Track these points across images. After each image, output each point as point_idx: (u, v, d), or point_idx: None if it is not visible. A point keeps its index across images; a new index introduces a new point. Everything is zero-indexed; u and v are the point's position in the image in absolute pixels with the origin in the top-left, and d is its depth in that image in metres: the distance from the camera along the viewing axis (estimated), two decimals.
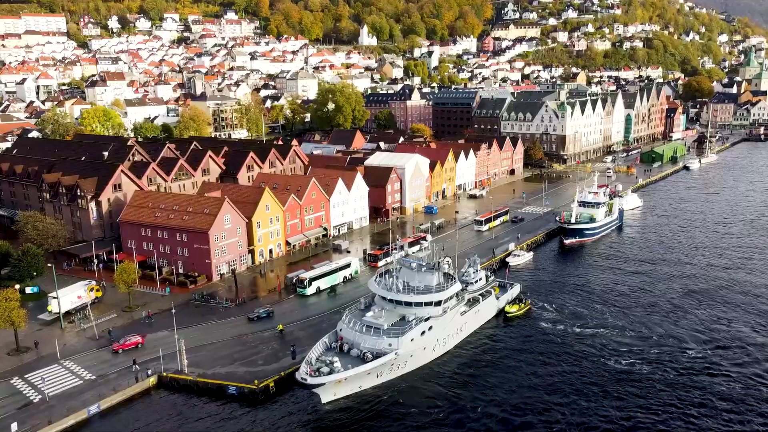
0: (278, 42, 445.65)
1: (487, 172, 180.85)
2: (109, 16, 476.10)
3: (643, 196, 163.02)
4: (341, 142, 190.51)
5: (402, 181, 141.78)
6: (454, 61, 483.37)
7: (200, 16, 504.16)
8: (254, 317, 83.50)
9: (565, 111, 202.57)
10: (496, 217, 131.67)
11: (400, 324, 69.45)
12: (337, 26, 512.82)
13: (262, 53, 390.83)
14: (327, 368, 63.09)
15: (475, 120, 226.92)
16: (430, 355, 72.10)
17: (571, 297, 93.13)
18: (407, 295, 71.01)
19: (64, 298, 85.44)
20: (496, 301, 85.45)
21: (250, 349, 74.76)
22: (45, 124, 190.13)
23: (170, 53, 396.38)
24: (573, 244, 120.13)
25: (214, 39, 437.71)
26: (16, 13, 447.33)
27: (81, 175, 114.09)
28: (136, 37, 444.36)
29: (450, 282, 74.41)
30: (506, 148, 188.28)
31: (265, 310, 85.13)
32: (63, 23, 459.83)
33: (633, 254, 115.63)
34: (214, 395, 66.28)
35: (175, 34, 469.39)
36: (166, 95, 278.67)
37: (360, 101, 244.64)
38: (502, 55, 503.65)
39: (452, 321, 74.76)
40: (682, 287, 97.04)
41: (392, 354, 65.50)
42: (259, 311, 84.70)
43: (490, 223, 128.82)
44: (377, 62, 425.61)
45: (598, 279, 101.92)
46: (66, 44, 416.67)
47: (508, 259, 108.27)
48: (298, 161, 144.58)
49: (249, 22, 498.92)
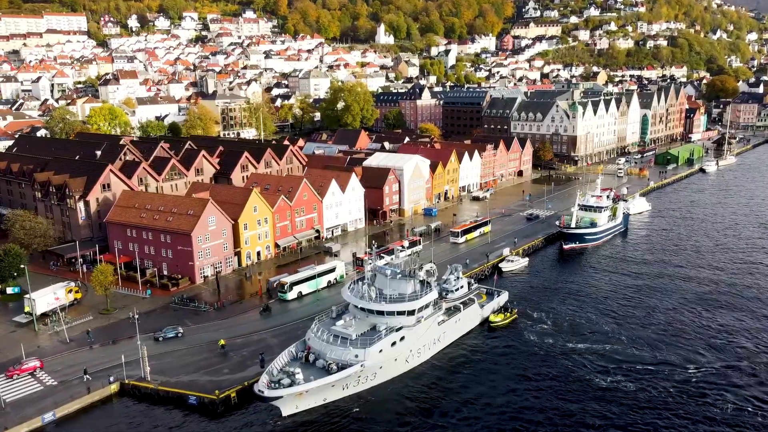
0: (294, 41, 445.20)
1: (493, 174, 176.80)
2: (129, 15, 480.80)
3: (652, 200, 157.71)
4: (345, 142, 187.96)
5: (401, 183, 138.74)
6: (471, 59, 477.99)
7: (219, 15, 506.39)
8: (160, 338, 76.48)
9: (576, 111, 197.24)
10: (476, 227, 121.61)
11: (370, 334, 66.58)
12: (355, 25, 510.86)
13: (276, 52, 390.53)
14: (288, 380, 60.49)
15: (485, 120, 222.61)
16: (403, 366, 69.06)
17: (564, 306, 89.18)
18: (379, 304, 68.07)
19: (40, 300, 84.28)
20: (480, 310, 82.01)
21: (219, 356, 72.55)
22: (52, 123, 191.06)
23: (186, 52, 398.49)
24: (573, 249, 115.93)
25: (230, 38, 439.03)
26: (38, 13, 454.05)
27: (72, 174, 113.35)
28: (155, 35, 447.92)
29: (426, 290, 71.26)
30: (514, 149, 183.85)
31: (174, 330, 77.93)
32: (84, 22, 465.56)
33: (635, 261, 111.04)
34: (174, 405, 64.17)
35: (193, 33, 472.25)
36: (178, 94, 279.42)
37: (369, 100, 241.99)
38: (521, 54, 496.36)
39: (428, 331, 71.64)
40: (682, 297, 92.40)
41: (358, 366, 62.65)
42: (166, 331, 77.50)
43: (468, 235, 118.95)
44: (393, 61, 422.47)
45: (594, 287, 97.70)
46: (85, 43, 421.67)
47: (501, 264, 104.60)
48: (296, 161, 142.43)
49: (266, 21, 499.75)
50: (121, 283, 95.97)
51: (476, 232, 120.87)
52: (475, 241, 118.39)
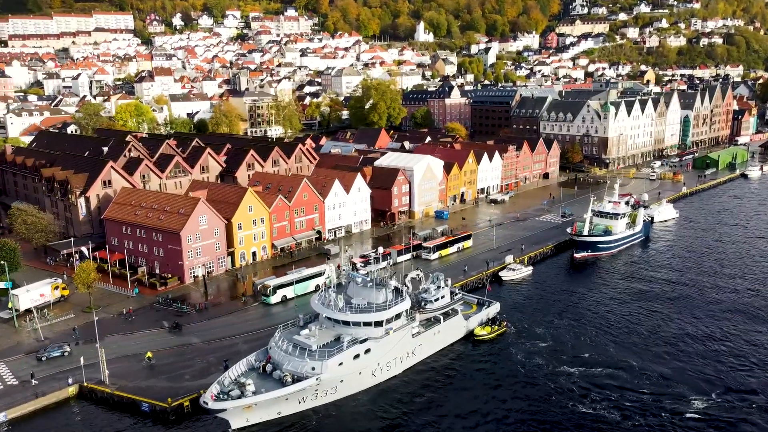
0: (332, 39, 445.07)
1: (516, 176, 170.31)
2: (174, 13, 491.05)
3: (683, 207, 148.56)
4: (365, 141, 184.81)
5: (411, 184, 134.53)
6: (513, 58, 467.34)
7: (261, 13, 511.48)
8: (42, 357, 70.50)
9: (608, 111, 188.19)
10: (453, 242, 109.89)
11: (332, 345, 63.12)
12: (396, 22, 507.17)
13: (313, 50, 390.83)
14: (238, 391, 57.71)
15: (514, 120, 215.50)
16: (369, 380, 65.29)
17: (562, 321, 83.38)
18: (344, 314, 64.56)
19: (23, 296, 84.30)
20: (465, 322, 77.32)
21: (185, 361, 70.47)
22: (80, 119, 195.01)
23: (225, 50, 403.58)
24: (584, 258, 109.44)
25: (268, 36, 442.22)
26: (88, 12, 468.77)
27: (76, 170, 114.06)
28: (197, 33, 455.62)
29: (398, 300, 67.26)
30: (539, 150, 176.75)
31: (59, 348, 71.67)
32: (131, 21, 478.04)
33: (651, 272, 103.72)
34: (128, 410, 62.33)
35: (234, 31, 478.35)
36: (211, 91, 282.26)
37: (396, 99, 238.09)
38: (566, 52, 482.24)
39: (399, 343, 67.63)
40: (695, 315, 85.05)
41: (313, 380, 59.27)
42: (51, 350, 71.30)
43: (443, 251, 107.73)
44: (431, 59, 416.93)
45: (601, 302, 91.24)
46: (130, 41, 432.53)
47: (502, 273, 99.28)
48: (305, 160, 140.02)
49: (307, 19, 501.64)
50: (112, 281, 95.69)
51: (453, 247, 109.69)
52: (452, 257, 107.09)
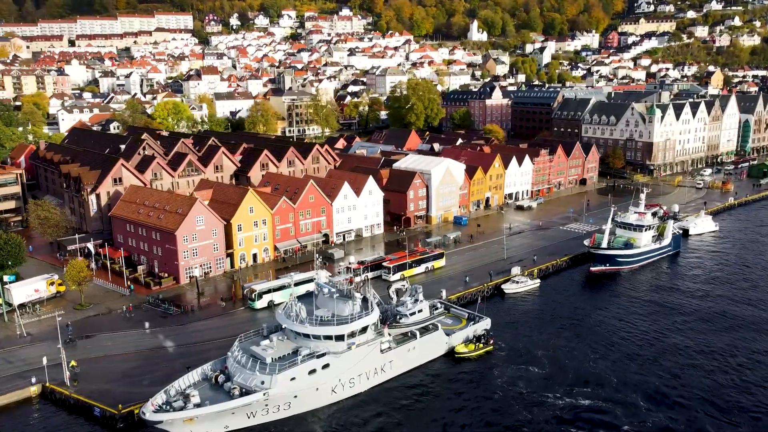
0: (382, 38, 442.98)
1: (549, 181, 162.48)
2: (232, 13, 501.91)
3: (728, 219, 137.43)
4: (394, 142, 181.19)
5: (428, 188, 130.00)
6: (570, 57, 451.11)
7: (316, 13, 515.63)
8: None
9: (654, 115, 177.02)
10: (419, 262, 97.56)
11: (288, 358, 60.13)
12: (450, 21, 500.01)
13: (362, 49, 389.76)
14: (181, 402, 55.62)
15: (555, 122, 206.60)
16: (329, 397, 61.93)
17: (561, 341, 77.27)
18: (303, 326, 61.46)
19: (17, 290, 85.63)
20: (446, 338, 72.66)
21: (152, 365, 69.14)
22: (119, 116, 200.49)
23: (277, 49, 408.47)
24: (601, 272, 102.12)
25: (320, 35, 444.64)
26: (150, 13, 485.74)
27: (92, 167, 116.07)
28: (252, 33, 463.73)
29: (364, 313, 63.56)
30: (575, 155, 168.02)
31: None
32: (190, 21, 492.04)
33: (675, 292, 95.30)
34: (84, 414, 61.45)
35: (288, 31, 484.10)
36: (256, 90, 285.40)
37: (435, 99, 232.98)
38: (627, 52, 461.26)
39: (366, 359, 63.89)
40: (712, 345, 76.77)
41: (260, 394, 56.45)
42: None
43: (406, 272, 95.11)
44: (482, 59, 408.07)
45: (608, 322, 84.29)
46: (188, 41, 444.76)
47: (505, 285, 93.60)
48: (323, 161, 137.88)
49: (360, 19, 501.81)
50: (111, 278, 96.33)
51: (420, 267, 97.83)
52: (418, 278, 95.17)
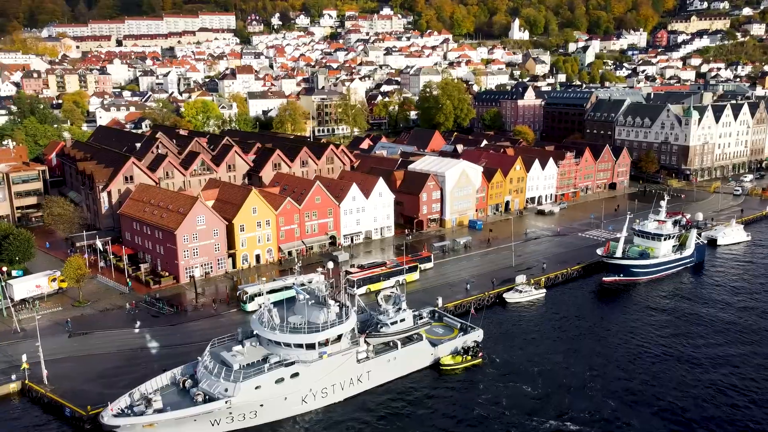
0: (420, 37, 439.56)
1: (575, 185, 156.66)
2: (274, 13, 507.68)
3: (763, 229, 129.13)
4: (417, 143, 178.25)
5: (443, 190, 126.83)
6: (615, 57, 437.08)
7: (357, 12, 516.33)
8: None
9: (690, 117, 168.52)
10: (389, 275, 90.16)
11: (256, 366, 58.58)
12: (492, 20, 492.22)
13: (399, 48, 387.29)
14: (143, 407, 54.77)
15: (588, 123, 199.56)
16: (299, 407, 60.11)
17: (559, 356, 73.32)
18: (272, 333, 59.85)
19: (18, 286, 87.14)
20: (432, 349, 69.80)
21: (131, 366, 68.73)
22: (149, 114, 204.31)
23: (315, 48, 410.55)
24: (614, 283, 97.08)
25: (358, 34, 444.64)
26: (195, 13, 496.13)
27: (107, 164, 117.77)
28: (292, 33, 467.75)
29: (338, 322, 61.46)
30: (604, 158, 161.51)
31: None
32: (233, 21, 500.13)
33: (693, 305, 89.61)
34: (56, 413, 61.50)
35: (328, 30, 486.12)
36: (289, 89, 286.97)
37: (465, 99, 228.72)
38: (676, 51, 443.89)
39: (340, 368, 61.77)
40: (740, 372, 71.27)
41: (222, 402, 55.08)
42: None
43: (373, 285, 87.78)
44: (522, 58, 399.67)
45: (614, 336, 79.72)
46: (229, 40, 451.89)
47: (507, 294, 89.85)
48: (338, 161, 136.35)
49: (401, 18, 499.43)
50: (115, 276, 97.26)
51: (390, 281, 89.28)
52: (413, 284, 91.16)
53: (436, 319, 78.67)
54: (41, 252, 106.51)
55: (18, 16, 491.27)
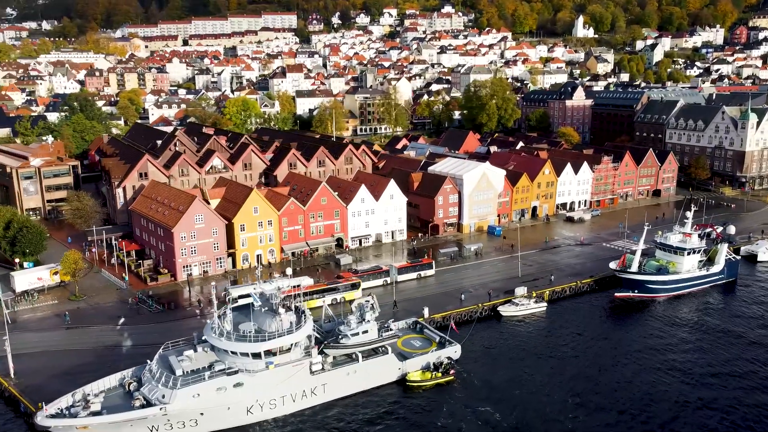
0: (478, 35, 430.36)
1: (613, 191, 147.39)
2: (334, 12, 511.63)
3: None
4: (450, 144, 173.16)
5: (461, 194, 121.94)
6: (686, 55, 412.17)
7: (417, 11, 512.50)
8: None
9: (747, 120, 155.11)
10: (326, 291, 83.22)
11: (199, 372, 56.87)
12: (556, 17, 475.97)
13: (454, 47, 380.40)
14: (79, 409, 54.18)
15: (637, 126, 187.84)
16: (244, 417, 58.04)
17: (544, 377, 67.94)
18: (218, 340, 57.99)
19: (20, 278, 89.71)
20: (400, 363, 66.03)
21: (99, 363, 68.51)
22: (190, 111, 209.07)
23: (370, 47, 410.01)
24: (628, 299, 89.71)
25: (414, 33, 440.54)
26: (258, 13, 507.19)
27: (127, 161, 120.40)
28: (351, 31, 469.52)
29: (289, 331, 58.88)
30: (647, 163, 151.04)
31: None
32: (294, 21, 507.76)
33: (717, 329, 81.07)
34: (14, 408, 62.20)
35: (387, 29, 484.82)
36: (337, 88, 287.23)
37: (510, 99, 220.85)
38: (756, 49, 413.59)
39: (291, 380, 59.20)
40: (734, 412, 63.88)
41: (156, 408, 53.70)
42: None
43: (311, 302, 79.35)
44: (585, 56, 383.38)
45: (610, 359, 73.19)
46: (288, 39, 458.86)
47: (502, 307, 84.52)
48: (356, 161, 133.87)
49: (461, 15, 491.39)
50: (118, 270, 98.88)
51: (326, 298, 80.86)
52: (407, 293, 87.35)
53: (417, 330, 74.86)
54: (60, 245, 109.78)
55: (96, 18, 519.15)
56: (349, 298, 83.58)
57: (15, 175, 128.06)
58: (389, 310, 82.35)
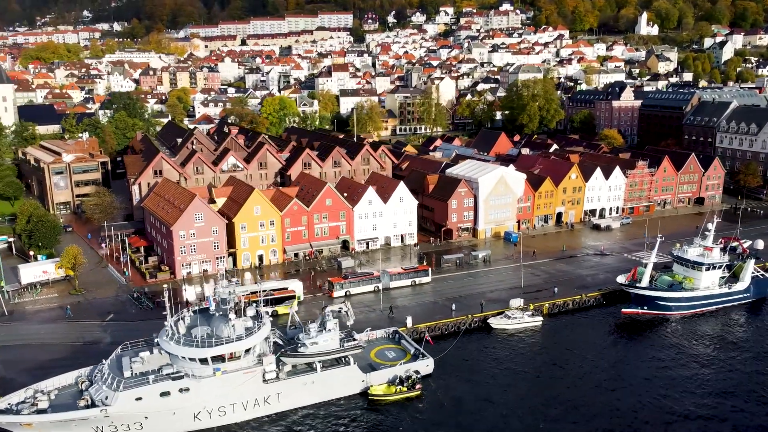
0: (534, 33, 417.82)
1: (648, 198, 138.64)
2: (391, 11, 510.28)
3: None
4: (483, 145, 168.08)
5: (476, 198, 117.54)
6: (761, 53, 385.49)
7: (474, 9, 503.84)
8: None
9: None
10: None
11: (148, 375, 56.16)
12: (618, 14, 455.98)
13: (507, 45, 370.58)
14: (28, 405, 54.53)
15: (686, 129, 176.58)
16: (190, 423, 56.97)
17: (519, 400, 63.71)
18: (166, 343, 57.10)
19: (26, 271, 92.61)
20: (362, 375, 63.25)
21: (73, 359, 69.05)
22: (232, 111, 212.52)
23: (422, 46, 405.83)
24: (635, 316, 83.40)
25: (468, 31, 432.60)
26: (315, 13, 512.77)
27: (146, 158, 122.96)
28: (405, 30, 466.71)
29: (238, 337, 57.30)
30: (688, 169, 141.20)
31: None
32: (350, 20, 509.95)
33: (731, 353, 73.95)
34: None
35: (442, 27, 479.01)
36: (382, 87, 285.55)
37: (553, 99, 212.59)
38: None
39: (242, 387, 57.65)
40: None
41: (97, 410, 53.31)
42: None
43: None
44: (646, 55, 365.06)
45: (597, 381, 67.87)
46: (342, 39, 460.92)
47: (492, 320, 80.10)
48: (374, 162, 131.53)
49: (518, 13, 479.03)
50: (123, 266, 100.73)
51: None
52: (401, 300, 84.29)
53: (396, 341, 71.89)
54: (80, 239, 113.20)
55: (162, 19, 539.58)
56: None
57: (47, 170, 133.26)
58: (383, 315, 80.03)
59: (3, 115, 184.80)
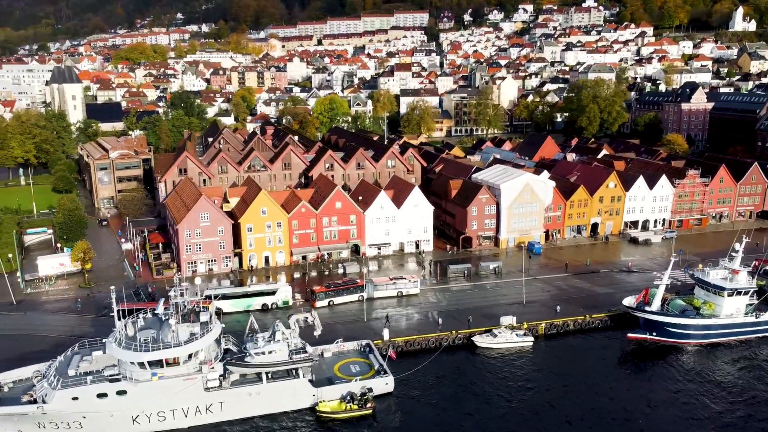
0: (613, 31, 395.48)
1: (702, 211, 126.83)
2: (467, 9, 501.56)
3: None
4: (527, 150, 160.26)
5: (498, 205, 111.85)
6: None
7: (556, 5, 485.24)
8: None
9: None
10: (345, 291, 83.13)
11: (91, 375, 56.62)
12: (712, 9, 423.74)
13: (583, 44, 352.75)
14: None
15: (760, 134, 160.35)
16: (129, 426, 56.81)
17: (478, 427, 59.31)
18: (109, 345, 57.24)
19: (43, 263, 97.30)
20: (312, 389, 60.80)
21: (54, 352, 70.71)
22: (284, 110, 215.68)
23: (494, 44, 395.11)
24: (643, 341, 75.83)
25: (544, 29, 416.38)
26: (390, 12, 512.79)
27: (176, 157, 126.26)
28: (480, 29, 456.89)
29: (175, 344, 56.56)
30: (749, 179, 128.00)
31: None
32: (426, 19, 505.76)
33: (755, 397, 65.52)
34: None
35: (520, 25, 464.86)
36: (444, 87, 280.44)
37: (616, 101, 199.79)
38: None
39: (182, 394, 56.92)
40: None
41: (34, 407, 54.19)
42: None
43: None
44: (738, 53, 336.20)
45: (585, 422, 61.87)
46: (414, 38, 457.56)
47: (477, 338, 75.12)
48: (400, 164, 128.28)
49: (601, 10, 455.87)
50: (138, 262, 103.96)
51: None
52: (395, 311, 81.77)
53: (365, 355, 68.96)
54: (111, 234, 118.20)
55: (246, 20, 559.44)
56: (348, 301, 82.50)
57: (92, 165, 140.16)
58: (366, 326, 77.46)
59: (72, 112, 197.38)
